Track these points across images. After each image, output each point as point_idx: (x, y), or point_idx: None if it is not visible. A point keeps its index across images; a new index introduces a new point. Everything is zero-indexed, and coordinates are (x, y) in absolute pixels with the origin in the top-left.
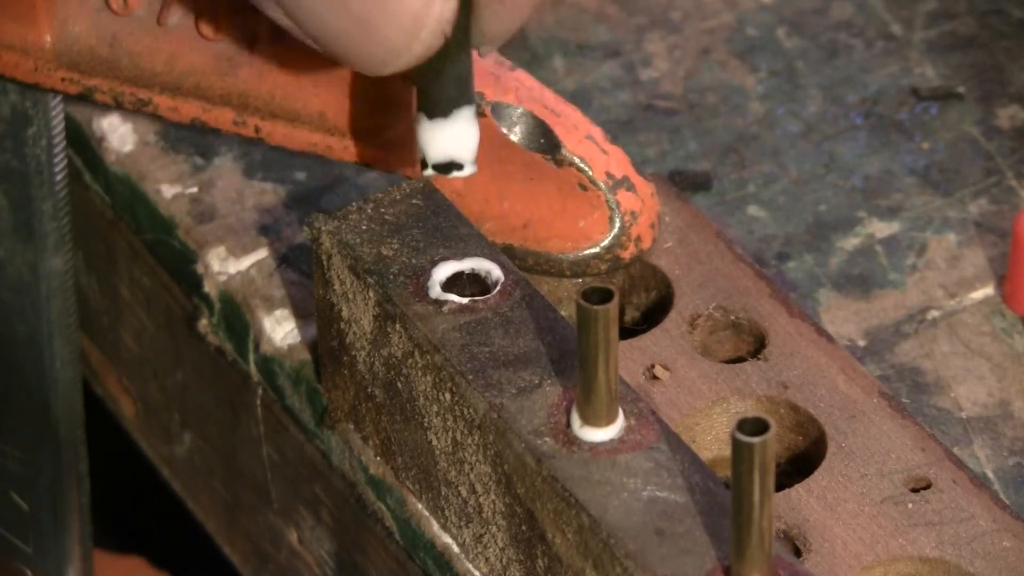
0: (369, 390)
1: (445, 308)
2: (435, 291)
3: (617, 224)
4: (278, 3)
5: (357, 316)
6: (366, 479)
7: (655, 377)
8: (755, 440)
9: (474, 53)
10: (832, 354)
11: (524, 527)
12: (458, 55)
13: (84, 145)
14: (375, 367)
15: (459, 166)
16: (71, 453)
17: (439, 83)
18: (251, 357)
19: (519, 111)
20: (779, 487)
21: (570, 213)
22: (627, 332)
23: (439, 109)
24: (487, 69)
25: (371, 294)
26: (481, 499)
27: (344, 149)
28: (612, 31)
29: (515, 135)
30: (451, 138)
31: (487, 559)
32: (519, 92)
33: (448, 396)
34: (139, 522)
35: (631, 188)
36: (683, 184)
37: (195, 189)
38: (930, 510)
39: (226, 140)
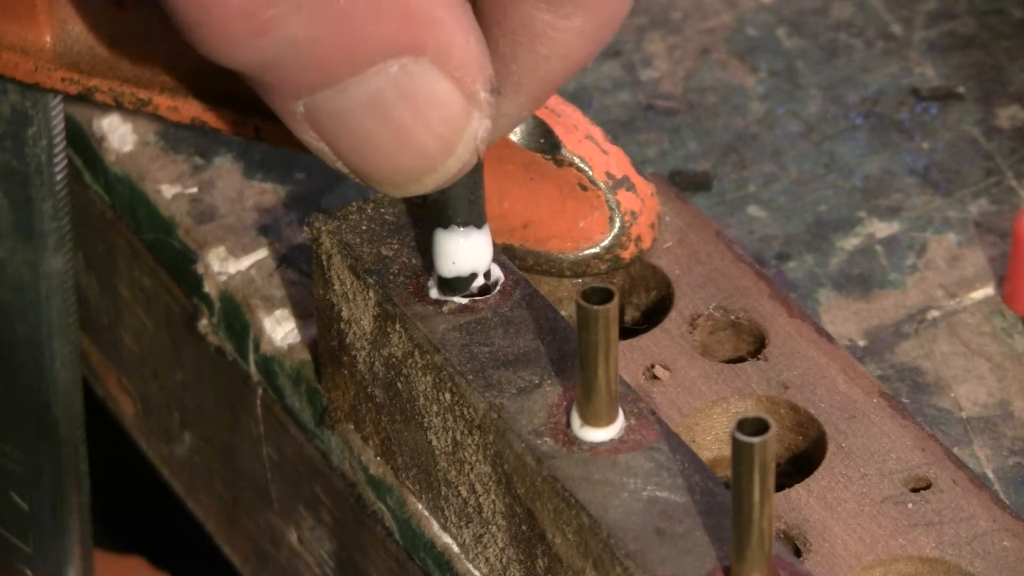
0: (369, 390)
1: (445, 308)
2: (435, 291)
3: (617, 224)
4: (311, 121)
5: (357, 316)
6: (366, 479)
7: (655, 377)
8: (755, 440)
9: None
10: (832, 354)
11: (524, 527)
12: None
13: (84, 145)
14: (375, 367)
15: (473, 279)
16: (71, 453)
17: (454, 194)
18: (251, 357)
19: None
20: (779, 487)
21: (570, 213)
22: (627, 332)
23: (455, 220)
24: None
25: (371, 294)
26: (481, 499)
27: None
28: None
29: (515, 135)
30: (468, 250)
31: (487, 559)
32: None
33: (448, 396)
34: (139, 522)
35: (631, 188)
36: (683, 184)
37: (195, 189)
38: (930, 510)
39: (226, 140)
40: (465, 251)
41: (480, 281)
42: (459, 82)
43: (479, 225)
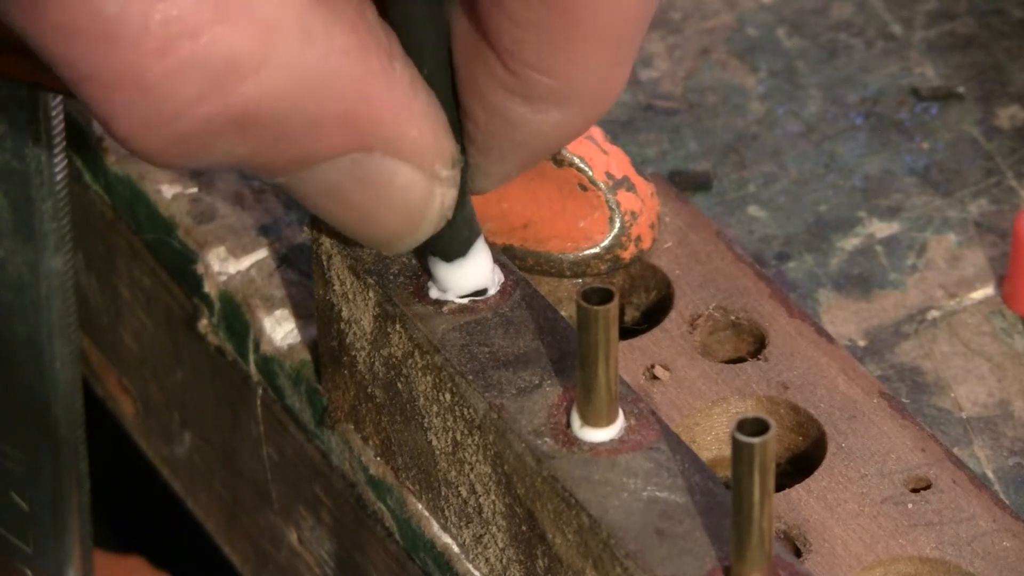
0: (369, 390)
1: (445, 308)
2: (435, 291)
3: (617, 224)
4: (283, 185)
5: (357, 316)
6: (366, 479)
7: (655, 377)
8: (755, 440)
9: None
10: (832, 354)
11: (524, 527)
12: (462, 202)
13: (84, 145)
14: (375, 367)
15: (482, 292)
16: (71, 453)
17: (450, 231)
18: (251, 357)
19: None
20: (779, 487)
21: (570, 213)
22: (627, 332)
23: (454, 252)
24: None
25: (371, 294)
26: (481, 499)
27: None
28: None
29: None
30: (472, 272)
31: (487, 559)
32: None
33: (448, 396)
34: (139, 522)
35: (631, 188)
36: (683, 184)
37: (195, 189)
38: (930, 510)
39: None
40: (449, 278)
41: (471, 299)
42: (416, 166)
43: (449, 259)
